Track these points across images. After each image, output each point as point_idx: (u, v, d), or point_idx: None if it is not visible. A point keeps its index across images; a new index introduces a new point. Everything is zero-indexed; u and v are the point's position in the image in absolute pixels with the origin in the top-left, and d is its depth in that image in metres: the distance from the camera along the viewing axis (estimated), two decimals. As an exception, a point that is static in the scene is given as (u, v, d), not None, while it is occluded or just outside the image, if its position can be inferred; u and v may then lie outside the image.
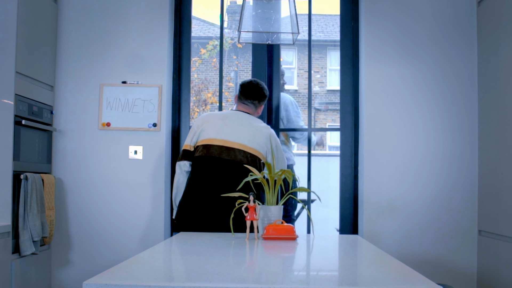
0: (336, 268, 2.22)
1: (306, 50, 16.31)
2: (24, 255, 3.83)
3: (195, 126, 3.89)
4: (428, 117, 4.42)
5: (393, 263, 2.22)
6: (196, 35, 15.97)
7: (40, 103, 4.17)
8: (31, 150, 4.05)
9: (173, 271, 2.07)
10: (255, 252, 2.56)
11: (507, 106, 3.82)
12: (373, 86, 4.45)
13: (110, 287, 1.69)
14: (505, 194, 3.84)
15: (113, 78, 4.46)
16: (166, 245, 2.72)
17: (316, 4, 4.71)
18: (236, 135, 3.77)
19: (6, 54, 3.73)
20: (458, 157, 4.40)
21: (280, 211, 3.05)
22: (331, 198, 4.74)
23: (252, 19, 3.87)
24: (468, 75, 4.42)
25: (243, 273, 2.11)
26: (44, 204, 4.06)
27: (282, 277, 2.01)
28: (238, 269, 2.20)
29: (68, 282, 4.38)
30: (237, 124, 3.85)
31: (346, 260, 2.46)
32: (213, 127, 3.82)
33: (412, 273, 1.94)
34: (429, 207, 4.38)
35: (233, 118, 3.89)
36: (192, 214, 3.71)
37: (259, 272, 2.10)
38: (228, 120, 3.88)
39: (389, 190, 4.40)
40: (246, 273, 2.10)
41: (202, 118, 3.94)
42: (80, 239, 4.41)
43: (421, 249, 4.36)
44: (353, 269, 2.19)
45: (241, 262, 2.37)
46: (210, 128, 3.81)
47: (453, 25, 4.44)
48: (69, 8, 4.46)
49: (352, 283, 1.78)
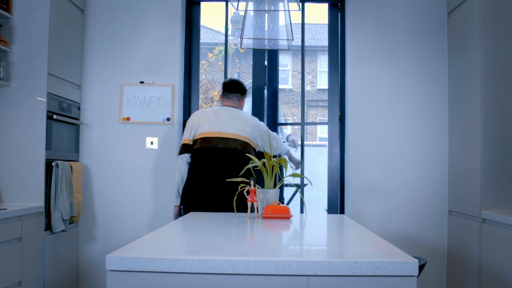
0: (325, 243, 2.22)
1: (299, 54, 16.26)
2: (55, 232, 3.84)
3: (191, 122, 3.89)
4: (405, 113, 4.41)
5: (374, 239, 2.21)
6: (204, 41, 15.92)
7: (69, 100, 4.16)
8: (61, 141, 4.04)
9: (183, 246, 2.06)
10: (255, 230, 2.56)
11: (472, 103, 3.81)
12: (357, 86, 4.44)
13: (130, 260, 1.69)
14: (471, 178, 3.84)
15: (132, 79, 4.45)
16: (178, 224, 2.72)
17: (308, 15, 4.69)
18: (229, 127, 3.80)
19: (40, 58, 3.73)
20: (431, 147, 4.40)
21: (277, 194, 3.05)
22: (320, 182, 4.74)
23: (252, 28, 3.86)
24: (440, 76, 4.41)
25: (245, 247, 2.11)
26: (73, 187, 4.06)
27: (279, 251, 2.01)
28: (240, 244, 2.19)
29: (93, 255, 4.39)
30: (228, 117, 3.86)
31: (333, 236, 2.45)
32: (208, 122, 3.83)
33: (391, 248, 1.94)
34: (405, 191, 4.38)
35: (224, 113, 3.91)
36: (196, 198, 3.73)
37: (258, 247, 2.10)
38: (220, 114, 3.88)
39: (371, 176, 4.40)
40: (247, 248, 2.10)
41: (197, 114, 3.94)
42: (104, 218, 4.41)
43: (399, 227, 4.36)
44: (339, 244, 2.18)
45: (243, 238, 2.37)
46: (205, 123, 3.82)
47: (427, 32, 4.43)
48: (94, 18, 4.46)
49: (339, 256, 1.78)
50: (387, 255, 1.78)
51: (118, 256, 1.69)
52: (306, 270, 1.66)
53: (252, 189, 2.92)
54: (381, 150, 4.41)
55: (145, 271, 1.68)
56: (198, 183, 3.74)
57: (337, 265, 1.66)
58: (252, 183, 2.91)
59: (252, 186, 2.92)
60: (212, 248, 1.97)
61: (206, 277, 1.67)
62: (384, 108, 4.43)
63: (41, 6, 3.74)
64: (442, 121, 4.40)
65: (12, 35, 3.73)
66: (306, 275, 1.67)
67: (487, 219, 3.58)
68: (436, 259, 4.33)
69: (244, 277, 1.67)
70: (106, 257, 1.69)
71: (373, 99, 4.43)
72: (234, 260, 1.67)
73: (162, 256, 1.70)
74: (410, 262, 1.66)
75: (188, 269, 1.67)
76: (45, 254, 3.75)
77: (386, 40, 4.45)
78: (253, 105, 4.72)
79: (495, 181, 3.67)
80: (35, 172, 3.71)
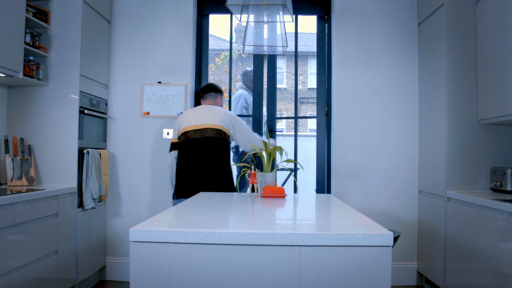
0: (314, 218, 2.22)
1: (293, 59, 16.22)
2: (86, 208, 3.84)
3: (176, 123, 3.87)
4: (382, 108, 4.40)
5: (356, 214, 2.21)
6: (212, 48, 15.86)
7: (98, 97, 4.15)
8: (91, 132, 4.04)
9: (194, 220, 2.06)
10: (255, 207, 2.55)
11: (438, 100, 3.80)
12: (341, 85, 4.42)
13: (149, 232, 1.69)
14: (437, 163, 3.84)
15: (151, 79, 4.43)
16: (190, 202, 2.72)
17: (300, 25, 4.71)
18: (203, 119, 3.76)
19: (73, 62, 3.71)
20: (404, 137, 4.39)
21: (273, 176, 3.05)
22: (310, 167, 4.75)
23: (253, 36, 3.84)
24: (411, 77, 4.39)
25: (246, 222, 2.11)
26: (101, 171, 4.06)
27: (275, 225, 2.01)
28: (242, 219, 2.19)
29: (118, 228, 4.40)
30: (202, 112, 3.84)
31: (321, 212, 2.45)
32: (186, 119, 3.80)
33: (370, 222, 1.94)
34: (382, 174, 4.38)
35: (199, 109, 3.89)
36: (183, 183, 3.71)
37: (258, 221, 2.10)
38: (196, 111, 3.87)
39: (353, 161, 4.40)
40: (248, 222, 2.10)
41: (179, 116, 3.92)
42: (127, 197, 4.41)
43: (376, 204, 4.36)
44: (326, 219, 2.18)
45: (245, 214, 2.37)
46: (185, 121, 3.79)
47: (401, 41, 4.41)
48: (118, 28, 4.43)
49: (326, 228, 1.77)
50: (367, 228, 1.78)
51: (140, 230, 1.70)
52: (298, 241, 1.66)
53: (253, 172, 2.93)
54: (362, 140, 4.40)
55: (162, 241, 1.68)
56: (183, 170, 3.73)
57: (324, 237, 1.66)
58: (252, 168, 2.92)
59: (253, 170, 2.93)
60: (219, 223, 1.97)
61: (213, 247, 1.68)
62: (364, 104, 4.41)
63: (74, 18, 3.73)
64: (413, 115, 4.39)
65: (50, 43, 3.71)
66: (299, 245, 1.67)
67: (451, 198, 3.58)
68: (408, 232, 4.34)
69: (246, 247, 1.67)
70: (129, 230, 1.69)
71: (355, 96, 4.41)
72: (237, 232, 1.67)
73: (176, 229, 1.70)
74: (386, 234, 1.66)
75: (198, 240, 1.67)
76: (78, 227, 3.75)
77: (365, 47, 4.43)
78: (253, 101, 4.70)
79: (458, 165, 3.67)
80: (69, 158, 3.71)
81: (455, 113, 3.67)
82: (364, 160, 4.39)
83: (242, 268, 1.67)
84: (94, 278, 4.22)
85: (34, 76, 3.57)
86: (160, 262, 1.69)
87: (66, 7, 3.73)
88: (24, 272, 2.95)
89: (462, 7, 3.69)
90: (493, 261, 2.91)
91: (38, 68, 3.61)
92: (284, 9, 3.43)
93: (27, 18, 3.39)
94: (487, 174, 3.66)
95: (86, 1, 3.82)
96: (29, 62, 3.50)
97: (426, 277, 4.13)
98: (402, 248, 4.31)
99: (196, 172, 3.67)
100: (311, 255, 1.66)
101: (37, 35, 3.61)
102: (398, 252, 4.30)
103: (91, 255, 4.04)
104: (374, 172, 4.38)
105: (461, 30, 3.69)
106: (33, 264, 3.07)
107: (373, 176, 4.38)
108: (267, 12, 3.55)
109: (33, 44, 3.54)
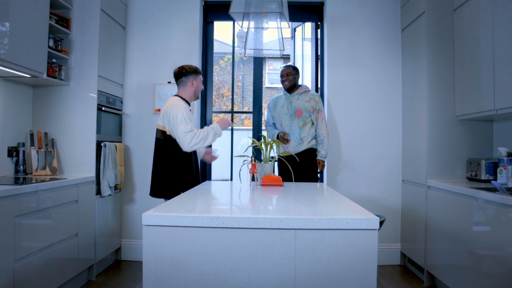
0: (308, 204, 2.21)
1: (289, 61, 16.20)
2: (103, 196, 3.84)
3: None
4: (369, 106, 4.38)
5: (345, 201, 2.21)
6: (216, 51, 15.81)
7: (114, 95, 4.13)
8: (108, 127, 4.02)
9: (201, 206, 2.06)
10: (255, 194, 2.55)
11: (420, 98, 3.79)
12: (333, 85, 4.41)
13: (160, 217, 1.69)
14: (419, 155, 3.84)
15: (162, 79, 4.41)
16: (196, 190, 2.71)
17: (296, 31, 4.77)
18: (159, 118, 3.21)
19: (92, 64, 3.70)
20: (389, 131, 4.38)
21: (271, 166, 3.05)
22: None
23: (253, 41, 3.82)
24: (395, 78, 4.38)
25: (247, 207, 2.10)
26: (117, 162, 4.06)
27: (273, 210, 2.01)
28: (244, 205, 2.19)
29: (133, 214, 4.39)
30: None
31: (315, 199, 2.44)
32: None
33: (358, 208, 1.93)
34: (369, 164, 4.37)
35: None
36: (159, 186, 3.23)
37: (258, 207, 2.09)
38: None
39: (343, 153, 4.39)
40: (249, 207, 2.09)
41: None
42: (141, 185, 4.40)
43: (364, 192, 4.36)
44: (319, 205, 2.17)
45: (246, 200, 2.36)
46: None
47: (386, 45, 4.39)
48: (132, 33, 4.41)
49: (319, 213, 1.77)
50: (355, 213, 1.77)
51: (151, 214, 1.69)
52: (294, 224, 1.66)
53: (253, 163, 2.93)
54: (351, 133, 4.39)
55: (172, 225, 1.68)
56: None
57: (317, 221, 1.65)
58: (253, 159, 2.92)
59: (253, 160, 2.92)
60: (222, 208, 1.97)
61: (217, 230, 1.67)
62: (353, 102, 4.40)
63: (93, 25, 3.71)
64: (397, 112, 4.37)
65: (71, 47, 3.69)
66: (294, 228, 1.66)
67: (432, 186, 3.57)
68: (393, 217, 4.34)
69: (247, 230, 1.67)
70: (142, 215, 1.68)
71: (345, 95, 4.40)
72: (239, 217, 1.67)
73: (184, 214, 1.70)
74: (372, 219, 1.66)
75: (204, 224, 1.67)
76: (96, 212, 3.75)
77: (354, 50, 4.41)
78: (253, 99, 4.69)
79: (437, 157, 3.66)
80: (88, 150, 3.70)
81: (435, 110, 3.67)
82: (353, 151, 4.38)
83: (243, 249, 1.67)
84: (111, 258, 4.22)
85: (57, 77, 3.55)
86: (169, 244, 1.68)
87: (85, 15, 3.71)
88: (48, 253, 2.95)
89: (441, 15, 3.68)
90: (469, 242, 2.91)
91: (60, 69, 3.60)
92: (281, 16, 3.41)
93: (50, 25, 3.38)
94: (463, 164, 3.65)
95: (103, 10, 3.81)
96: (52, 64, 3.49)
97: (409, 257, 4.14)
98: (387, 231, 4.31)
99: (154, 173, 3.25)
100: (305, 237, 1.66)
101: (59, 40, 3.59)
102: (384, 234, 4.30)
103: (108, 237, 4.04)
104: (362, 162, 4.37)
105: (440, 35, 3.67)
106: (56, 245, 3.07)
107: (361, 167, 4.37)
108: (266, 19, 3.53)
109: (56, 48, 3.53)
